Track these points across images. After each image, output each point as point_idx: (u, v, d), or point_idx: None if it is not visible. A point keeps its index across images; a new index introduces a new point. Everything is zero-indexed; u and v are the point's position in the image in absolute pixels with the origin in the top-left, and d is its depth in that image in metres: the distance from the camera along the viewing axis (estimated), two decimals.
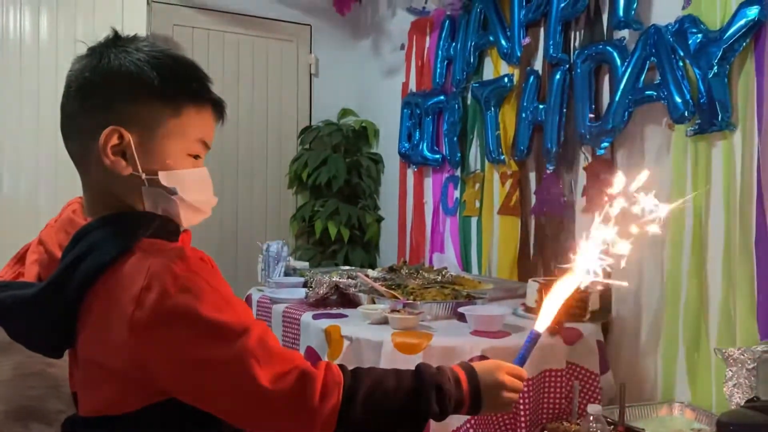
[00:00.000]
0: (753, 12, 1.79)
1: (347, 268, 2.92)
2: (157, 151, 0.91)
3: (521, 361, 1.09)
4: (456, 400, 0.98)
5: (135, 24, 2.99)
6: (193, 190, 0.94)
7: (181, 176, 0.92)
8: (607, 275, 1.08)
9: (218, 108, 0.97)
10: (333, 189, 3.64)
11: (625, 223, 1.05)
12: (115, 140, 0.88)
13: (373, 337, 1.82)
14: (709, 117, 1.91)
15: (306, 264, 2.98)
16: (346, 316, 2.05)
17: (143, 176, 0.89)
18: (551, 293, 1.11)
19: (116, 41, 0.93)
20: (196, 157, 0.96)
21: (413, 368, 1.00)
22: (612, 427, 1.70)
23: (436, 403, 0.95)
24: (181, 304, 0.81)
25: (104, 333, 0.84)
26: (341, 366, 0.93)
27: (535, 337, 1.10)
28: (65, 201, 0.99)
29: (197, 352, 0.82)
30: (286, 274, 2.70)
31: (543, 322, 1.10)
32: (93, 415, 0.89)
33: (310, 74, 3.96)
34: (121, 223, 0.88)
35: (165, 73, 0.90)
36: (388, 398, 0.93)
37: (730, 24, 1.85)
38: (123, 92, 0.89)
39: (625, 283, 1.19)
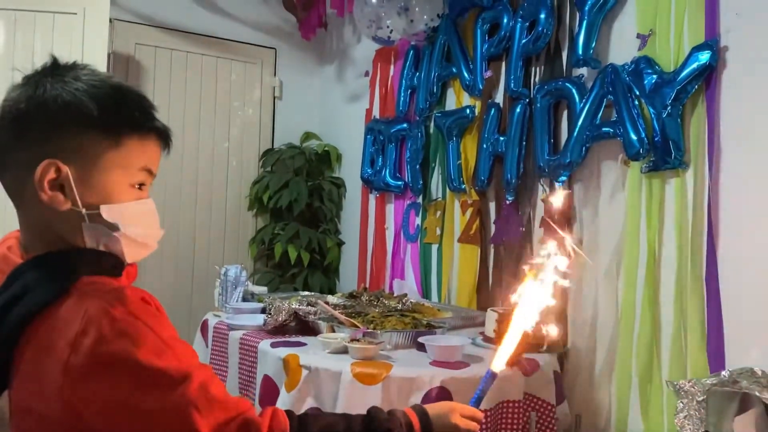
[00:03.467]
0: (705, 56, 1.87)
1: (307, 293, 2.89)
2: (98, 184, 0.86)
3: (477, 402, 1.09)
4: None
5: (96, 43, 2.94)
6: (136, 224, 0.89)
7: (123, 210, 0.88)
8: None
9: (163, 137, 0.93)
10: (294, 212, 3.62)
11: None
12: (52, 174, 0.83)
13: (332, 366, 1.80)
14: (663, 155, 1.97)
15: (264, 289, 2.94)
16: (305, 344, 2.03)
17: (83, 211, 0.85)
18: (508, 331, 1.12)
19: (54, 70, 0.88)
20: (141, 185, 0.91)
21: (365, 412, 0.99)
22: None
23: None
24: (118, 349, 0.77)
25: (38, 379, 0.79)
26: (289, 412, 0.92)
27: (491, 378, 1.10)
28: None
29: (134, 400, 0.78)
30: (244, 299, 2.65)
31: (499, 361, 1.11)
32: None
33: (274, 97, 3.95)
34: (57, 262, 0.84)
35: (105, 103, 0.86)
36: None
37: (683, 67, 1.92)
38: (60, 123, 0.84)
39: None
